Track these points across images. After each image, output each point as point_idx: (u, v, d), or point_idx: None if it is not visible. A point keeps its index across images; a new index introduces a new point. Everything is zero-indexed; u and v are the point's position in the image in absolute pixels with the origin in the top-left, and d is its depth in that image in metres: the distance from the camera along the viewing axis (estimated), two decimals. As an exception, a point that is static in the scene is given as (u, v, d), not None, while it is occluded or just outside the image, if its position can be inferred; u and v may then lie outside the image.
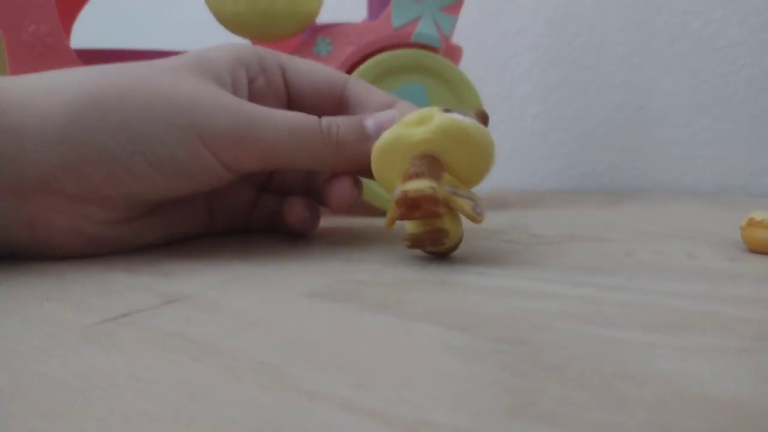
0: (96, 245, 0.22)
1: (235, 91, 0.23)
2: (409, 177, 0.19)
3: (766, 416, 0.09)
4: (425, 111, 0.20)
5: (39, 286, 0.17)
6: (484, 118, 0.22)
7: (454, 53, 0.40)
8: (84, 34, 0.46)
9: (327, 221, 0.34)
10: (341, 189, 0.24)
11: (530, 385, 0.10)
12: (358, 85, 0.25)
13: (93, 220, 0.21)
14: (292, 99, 0.25)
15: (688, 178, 0.55)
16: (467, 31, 0.61)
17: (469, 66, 0.63)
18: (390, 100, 0.25)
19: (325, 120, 0.22)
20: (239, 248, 0.24)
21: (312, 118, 0.22)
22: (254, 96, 0.24)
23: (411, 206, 0.18)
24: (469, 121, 0.20)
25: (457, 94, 0.37)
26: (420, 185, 0.18)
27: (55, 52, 0.28)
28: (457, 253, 0.22)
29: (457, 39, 0.57)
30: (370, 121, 0.23)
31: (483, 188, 0.63)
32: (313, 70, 0.25)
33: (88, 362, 0.11)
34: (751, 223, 0.22)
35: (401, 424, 0.09)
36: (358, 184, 0.25)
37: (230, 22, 0.33)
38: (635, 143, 0.57)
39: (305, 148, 0.22)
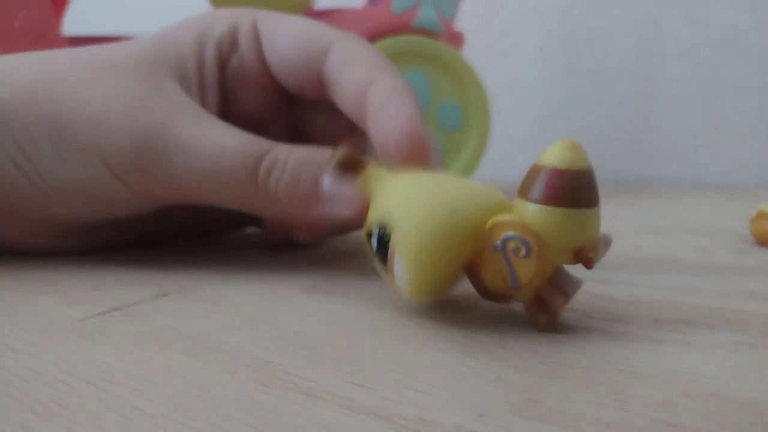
0: (60, 247, 0.21)
1: (202, 88, 0.19)
2: None
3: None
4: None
5: (32, 279, 0.17)
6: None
7: (456, 40, 0.40)
8: (77, 20, 0.46)
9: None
10: (307, 232, 0.20)
11: (534, 382, 0.10)
12: (342, 53, 0.19)
13: (42, 234, 0.20)
14: (274, 77, 0.20)
15: (696, 169, 0.54)
16: (471, 17, 0.61)
17: (472, 53, 0.62)
18: (369, 78, 0.18)
19: (271, 157, 0.17)
20: (236, 242, 0.24)
21: (248, 153, 0.17)
22: (230, 84, 0.20)
23: None
24: None
25: (460, 81, 0.36)
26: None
27: (46, 39, 0.27)
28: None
29: (460, 25, 0.57)
30: (328, 181, 0.16)
31: (486, 179, 0.63)
32: (292, 35, 0.19)
33: (81, 357, 0.11)
34: (761, 215, 0.21)
35: (402, 423, 0.08)
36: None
37: (224, 7, 0.33)
38: (642, 133, 0.56)
39: (230, 191, 0.17)
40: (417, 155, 0.16)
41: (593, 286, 0.16)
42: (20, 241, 0.20)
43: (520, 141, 0.62)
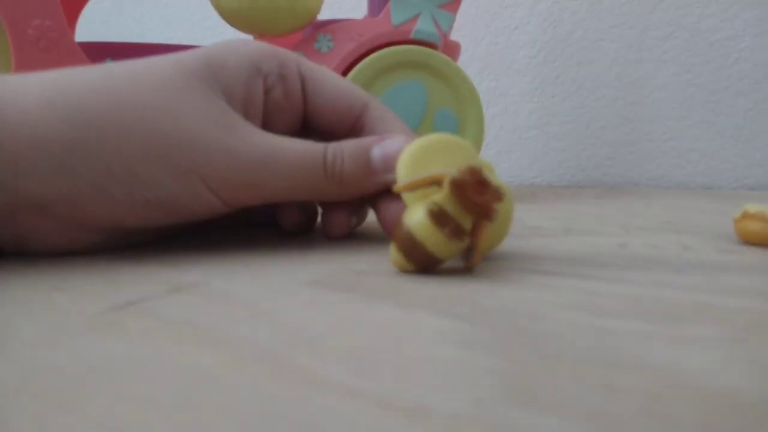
0: (91, 247, 0.21)
1: (247, 109, 0.21)
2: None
3: (759, 406, 0.09)
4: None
5: (46, 275, 0.18)
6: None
7: (452, 50, 0.41)
8: (88, 28, 0.46)
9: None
10: (339, 223, 0.23)
11: (527, 373, 0.10)
12: (377, 111, 0.24)
13: (87, 242, 0.20)
14: (308, 112, 0.24)
15: (681, 171, 0.55)
16: (465, 27, 0.62)
17: (466, 62, 0.63)
18: (407, 134, 0.23)
19: (330, 151, 0.21)
20: (243, 238, 0.24)
21: (316, 152, 0.21)
22: (269, 108, 0.22)
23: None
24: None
25: (455, 90, 0.37)
26: None
27: (59, 47, 0.27)
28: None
29: (455, 36, 0.57)
30: (376, 151, 0.21)
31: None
32: (334, 85, 0.23)
33: (95, 351, 0.11)
34: (745, 215, 0.22)
35: (402, 410, 0.09)
36: (357, 213, 0.24)
37: (231, 17, 0.33)
38: (630, 137, 0.57)
39: (308, 185, 0.21)
40: None
41: (582, 282, 0.16)
42: (57, 244, 0.20)
43: (512, 146, 0.63)
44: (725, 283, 0.16)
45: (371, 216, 0.31)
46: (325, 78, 0.23)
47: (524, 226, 0.28)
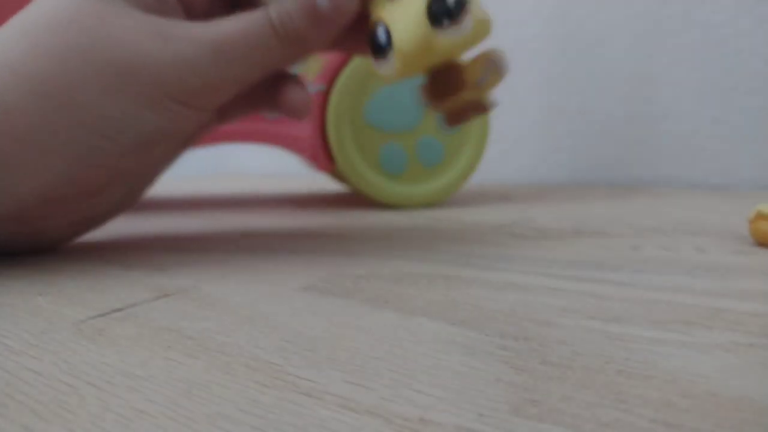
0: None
1: (162, 4, 0.20)
2: None
3: (777, 415, 0.08)
4: None
5: (32, 280, 0.17)
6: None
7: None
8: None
9: (324, 215, 0.34)
10: (300, 96, 0.23)
11: (534, 382, 0.10)
12: None
13: (101, 213, 0.21)
14: None
15: (694, 170, 0.54)
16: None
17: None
18: None
19: (275, 15, 0.20)
20: (235, 241, 0.24)
21: (261, 21, 0.20)
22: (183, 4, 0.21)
23: None
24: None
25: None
26: None
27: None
28: (460, 246, 0.22)
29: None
30: (323, 3, 0.20)
31: (485, 179, 0.63)
32: None
33: (82, 358, 0.11)
34: (759, 216, 0.22)
35: (402, 423, 0.08)
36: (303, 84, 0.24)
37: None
38: (640, 135, 0.56)
39: (265, 57, 0.20)
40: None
41: (592, 286, 0.16)
42: (64, 232, 0.20)
43: (519, 142, 0.62)
44: (739, 286, 0.16)
45: (365, 220, 0.31)
46: None
47: (533, 227, 0.27)
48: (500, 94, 0.62)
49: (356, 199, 0.44)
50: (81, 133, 0.18)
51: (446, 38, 0.19)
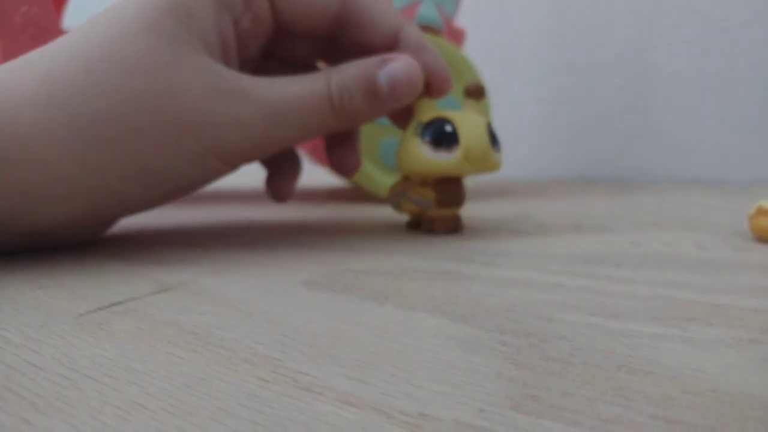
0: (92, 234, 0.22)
1: (225, 54, 0.20)
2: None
3: (777, 412, 0.08)
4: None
5: (32, 273, 0.17)
6: (478, 92, 0.23)
7: (457, 36, 0.40)
8: (76, 15, 0.46)
9: (323, 209, 0.34)
10: (351, 160, 0.24)
11: (534, 378, 0.10)
12: (357, 2, 0.22)
13: (95, 232, 0.22)
14: (279, 26, 0.22)
15: (693, 164, 0.54)
16: (469, 13, 0.61)
17: (470, 48, 0.62)
18: (395, 24, 0.22)
19: (335, 87, 0.20)
20: (235, 235, 0.24)
21: (321, 92, 0.20)
22: (240, 42, 0.21)
23: None
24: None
25: (460, 76, 0.36)
26: None
27: (47, 34, 0.27)
28: (459, 242, 0.22)
29: (460, 21, 0.56)
30: (383, 78, 0.20)
31: (485, 176, 0.62)
32: None
33: (82, 352, 0.11)
34: (759, 211, 0.21)
35: (403, 418, 0.08)
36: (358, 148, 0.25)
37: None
38: (640, 128, 0.56)
39: (316, 128, 0.20)
40: (446, 89, 0.23)
41: (593, 281, 0.16)
42: (62, 234, 0.20)
43: (518, 137, 0.62)
44: (739, 282, 0.16)
45: (367, 215, 0.31)
46: None
47: (534, 222, 0.27)
48: (499, 87, 0.62)
49: (356, 194, 0.44)
50: (115, 178, 0.18)
51: (496, 158, 0.22)
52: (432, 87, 0.22)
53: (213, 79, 0.18)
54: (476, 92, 0.23)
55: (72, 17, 0.43)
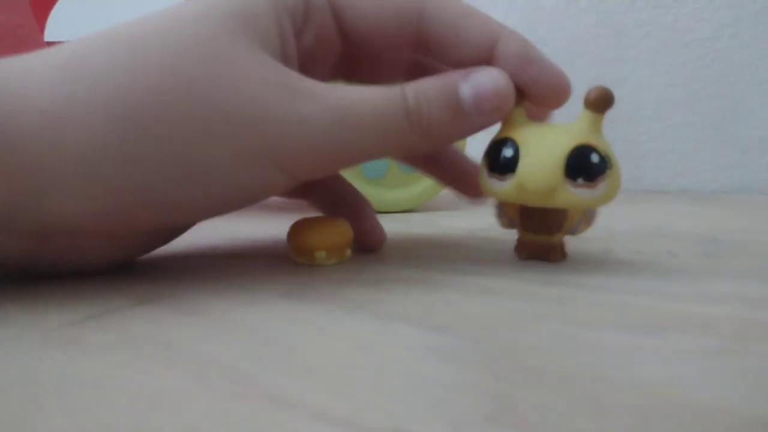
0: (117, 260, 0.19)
1: (286, 59, 0.18)
2: None
3: (749, 421, 0.09)
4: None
5: (3, 285, 0.17)
6: (601, 102, 0.19)
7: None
8: (60, 26, 0.45)
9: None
10: (379, 234, 0.22)
11: (509, 390, 0.10)
12: (440, 12, 0.19)
13: (122, 248, 0.18)
14: (348, 45, 0.20)
15: (660, 172, 0.55)
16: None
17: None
18: (491, 32, 0.19)
19: (411, 95, 0.17)
20: (213, 246, 0.24)
21: (395, 99, 0.17)
22: (302, 59, 0.19)
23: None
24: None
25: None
26: None
27: (28, 44, 0.27)
28: (436, 252, 0.22)
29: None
30: (466, 90, 0.18)
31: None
32: (374, 3, 0.19)
33: (50, 369, 0.11)
34: None
35: (376, 433, 0.08)
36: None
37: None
38: (608, 138, 0.57)
39: (388, 141, 0.17)
40: (563, 99, 0.21)
41: (566, 290, 0.16)
42: (94, 261, 0.18)
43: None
44: (711, 290, 0.16)
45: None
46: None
47: (508, 232, 0.27)
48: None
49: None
50: (149, 172, 0.15)
51: (573, 194, 0.17)
52: (546, 100, 0.20)
53: (275, 72, 0.16)
54: (597, 102, 0.19)
55: (55, 28, 0.42)
